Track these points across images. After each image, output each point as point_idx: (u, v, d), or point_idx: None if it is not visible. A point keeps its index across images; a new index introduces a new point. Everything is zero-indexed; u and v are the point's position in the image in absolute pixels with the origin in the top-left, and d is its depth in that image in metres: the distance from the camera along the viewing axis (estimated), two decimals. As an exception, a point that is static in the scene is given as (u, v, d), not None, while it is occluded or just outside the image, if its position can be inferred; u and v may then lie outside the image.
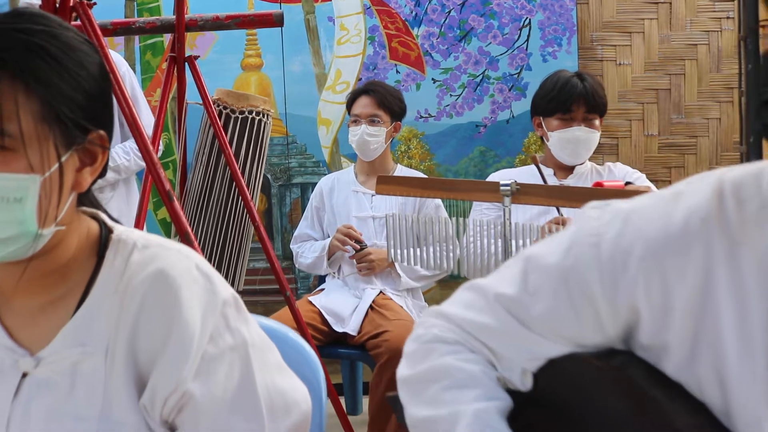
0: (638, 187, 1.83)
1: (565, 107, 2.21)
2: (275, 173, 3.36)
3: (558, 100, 2.23)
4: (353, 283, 2.72)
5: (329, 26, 3.30)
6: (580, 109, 2.21)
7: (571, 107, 2.21)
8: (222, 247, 2.12)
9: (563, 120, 2.23)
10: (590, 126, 2.22)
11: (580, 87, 2.20)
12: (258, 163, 2.14)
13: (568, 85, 2.22)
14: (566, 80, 2.23)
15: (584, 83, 2.21)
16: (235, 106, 2.08)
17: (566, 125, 2.22)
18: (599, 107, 2.22)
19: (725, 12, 3.48)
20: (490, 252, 1.77)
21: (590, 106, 2.20)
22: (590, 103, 2.20)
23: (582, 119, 2.22)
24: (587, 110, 2.21)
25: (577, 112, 2.21)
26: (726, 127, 3.51)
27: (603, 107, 2.24)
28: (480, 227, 1.76)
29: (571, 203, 1.67)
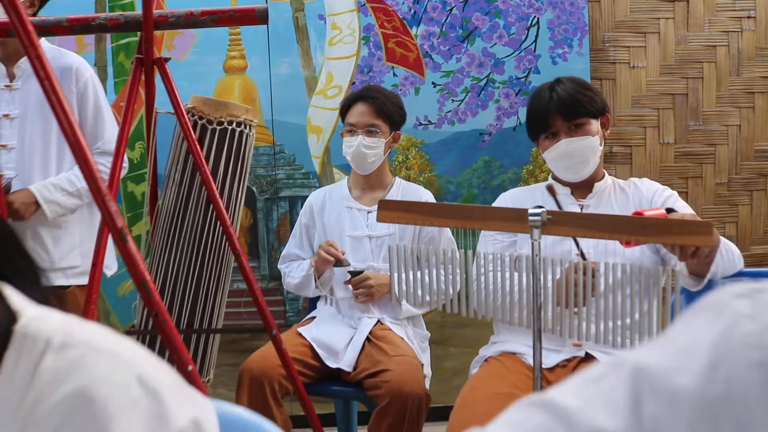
0: (683, 215, 1.56)
1: (542, 124, 1.95)
2: (261, 186, 3.08)
3: (533, 119, 1.97)
4: (347, 311, 2.45)
5: (320, 25, 3.03)
6: (558, 120, 1.93)
7: (547, 123, 1.94)
8: (198, 280, 1.84)
9: (548, 138, 1.97)
10: (579, 133, 1.94)
11: (547, 98, 1.93)
12: (239, 182, 1.86)
13: (537, 99, 1.96)
14: (535, 96, 1.98)
15: (553, 92, 1.94)
16: (212, 115, 1.80)
17: (553, 142, 1.95)
18: (581, 110, 1.92)
19: (746, 11, 3.26)
20: (506, 289, 1.50)
21: (567, 113, 1.92)
22: (565, 110, 1.92)
23: (566, 130, 1.94)
24: (566, 118, 1.93)
25: (556, 125, 1.94)
26: (746, 135, 3.29)
27: (588, 108, 1.93)
28: (493, 261, 1.49)
29: (609, 234, 1.40)
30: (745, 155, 3.29)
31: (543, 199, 2.05)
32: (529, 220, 1.35)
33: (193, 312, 1.86)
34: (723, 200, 3.30)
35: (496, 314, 1.53)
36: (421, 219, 1.48)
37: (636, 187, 2.02)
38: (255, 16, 1.72)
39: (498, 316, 1.59)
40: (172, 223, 1.84)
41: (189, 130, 1.75)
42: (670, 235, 1.38)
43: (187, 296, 1.85)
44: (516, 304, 1.50)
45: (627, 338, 1.53)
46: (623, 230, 1.39)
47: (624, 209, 1.98)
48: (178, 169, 1.84)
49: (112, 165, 1.71)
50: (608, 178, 2.06)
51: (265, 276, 3.11)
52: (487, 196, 3.10)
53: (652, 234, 1.39)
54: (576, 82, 1.97)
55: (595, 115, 1.96)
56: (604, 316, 1.48)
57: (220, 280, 1.89)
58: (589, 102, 1.94)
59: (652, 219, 1.40)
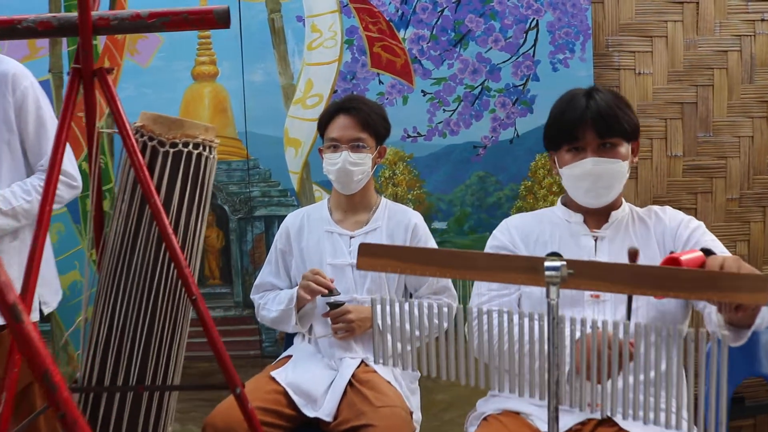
0: (725, 260, 1.31)
1: (570, 135, 1.69)
2: (234, 204, 2.80)
3: (560, 126, 1.70)
4: (327, 350, 2.18)
5: (298, 27, 2.76)
6: (589, 135, 1.68)
7: (575, 133, 1.68)
8: (149, 327, 1.56)
9: (572, 152, 1.71)
10: (608, 154, 1.69)
11: (583, 106, 1.67)
12: (198, 214, 1.58)
13: (570, 106, 1.69)
14: (568, 101, 1.71)
15: (591, 101, 1.68)
16: (165, 136, 1.52)
17: (576, 158, 1.69)
18: (617, 128, 1.68)
19: (760, 13, 3.03)
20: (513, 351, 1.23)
21: (602, 128, 1.67)
22: (601, 125, 1.67)
23: (595, 148, 1.68)
24: (599, 134, 1.67)
25: (586, 139, 1.68)
26: (759, 147, 3.08)
27: (625, 127, 1.69)
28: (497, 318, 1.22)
29: (643, 290, 1.14)
30: (758, 169, 3.08)
31: (552, 229, 1.79)
32: (545, 275, 1.09)
33: (145, 365, 1.58)
34: (734, 217, 3.07)
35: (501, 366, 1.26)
36: (410, 268, 1.21)
37: (657, 218, 1.76)
38: (213, 18, 1.45)
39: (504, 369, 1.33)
40: (118, 262, 1.56)
41: (136, 153, 1.47)
42: (717, 291, 1.12)
43: (137, 347, 1.57)
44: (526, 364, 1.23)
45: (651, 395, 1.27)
46: (659, 285, 1.13)
47: (644, 243, 1.72)
48: (125, 199, 1.56)
49: (44, 188, 1.43)
50: (626, 205, 1.80)
51: (239, 303, 2.84)
52: (481, 215, 2.85)
53: (695, 290, 1.13)
54: (615, 95, 1.72)
55: (629, 137, 1.71)
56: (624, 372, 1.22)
57: (176, 327, 1.61)
58: (627, 121, 1.70)
59: (695, 273, 1.14)
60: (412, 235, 2.25)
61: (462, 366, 1.27)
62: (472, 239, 2.85)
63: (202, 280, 2.84)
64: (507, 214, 2.84)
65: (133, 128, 1.55)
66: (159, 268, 1.55)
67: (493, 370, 1.32)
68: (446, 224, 2.85)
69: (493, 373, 1.29)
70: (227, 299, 2.84)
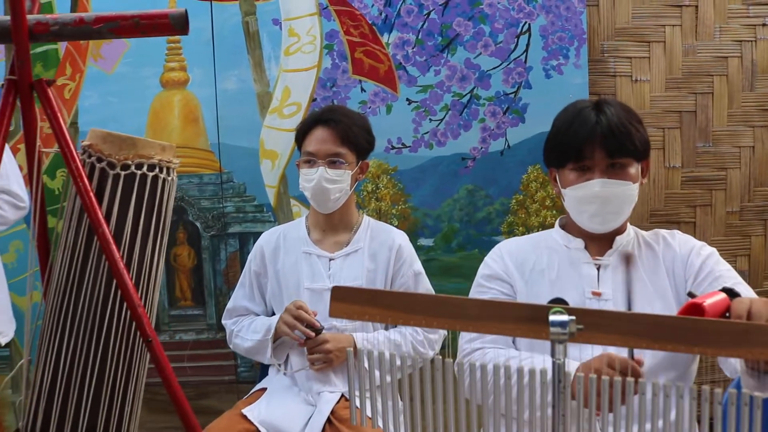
0: (752, 303, 1.15)
1: (576, 152, 1.52)
2: (206, 221, 2.63)
3: (566, 143, 1.53)
4: (304, 383, 2.01)
5: (275, 31, 2.59)
6: (598, 153, 1.51)
7: (583, 152, 1.51)
8: (100, 376, 1.38)
9: (577, 171, 1.54)
10: (618, 176, 1.52)
11: (593, 121, 1.51)
12: (155, 245, 1.40)
13: (578, 120, 1.52)
14: (575, 114, 1.54)
15: (601, 115, 1.51)
16: (116, 156, 1.34)
17: (582, 178, 1.53)
18: (628, 147, 1.51)
19: (761, 18, 2.90)
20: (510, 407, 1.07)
21: (613, 147, 1.50)
22: (612, 143, 1.50)
23: (604, 168, 1.52)
24: (608, 154, 1.51)
25: (594, 159, 1.52)
26: (761, 157, 2.96)
27: (637, 146, 1.53)
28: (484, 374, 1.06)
29: (660, 344, 0.98)
30: (759, 180, 2.95)
31: (549, 256, 1.63)
32: (551, 332, 0.92)
33: (95, 414, 1.40)
34: (734, 231, 2.94)
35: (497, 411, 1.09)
36: (391, 316, 1.04)
37: (666, 244, 1.60)
38: (169, 24, 1.27)
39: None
40: (64, 299, 1.38)
41: (81, 177, 1.29)
42: (749, 347, 0.96)
43: (87, 392, 1.39)
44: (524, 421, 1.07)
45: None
46: (683, 340, 0.97)
47: (653, 272, 1.56)
48: (72, 229, 1.38)
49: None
50: (631, 229, 1.64)
51: (212, 326, 2.66)
52: (470, 231, 2.68)
53: (725, 346, 0.97)
54: (626, 109, 1.55)
55: (640, 156, 1.55)
56: (627, 418, 1.06)
57: (131, 371, 1.43)
58: (639, 139, 1.53)
59: (726, 327, 0.97)
60: (396, 256, 2.08)
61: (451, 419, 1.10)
62: (460, 257, 2.69)
63: (173, 301, 2.66)
64: (497, 230, 2.68)
65: (80, 148, 1.37)
66: (110, 307, 1.37)
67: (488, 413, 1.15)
68: (433, 241, 2.69)
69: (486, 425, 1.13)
70: (200, 322, 2.66)
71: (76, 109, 2.54)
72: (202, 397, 2.70)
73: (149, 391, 2.66)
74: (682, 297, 1.53)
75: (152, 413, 2.69)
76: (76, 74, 2.54)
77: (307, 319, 1.94)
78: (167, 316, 2.65)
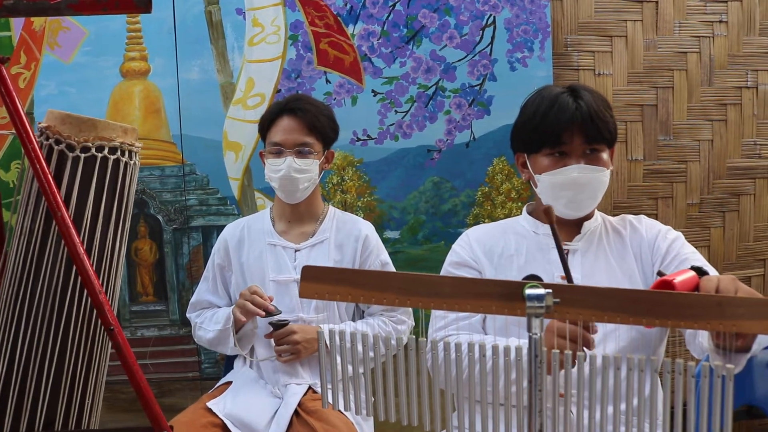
0: (719, 280, 1.17)
1: (553, 138, 1.52)
2: (168, 214, 2.57)
3: (543, 128, 1.53)
4: (271, 375, 1.98)
5: (238, 21, 2.55)
6: (576, 140, 1.52)
7: (561, 138, 1.53)
8: (58, 364, 1.33)
9: (554, 156, 1.54)
10: (594, 162, 1.55)
11: (572, 107, 1.52)
12: (117, 229, 1.36)
13: (556, 105, 1.53)
14: (552, 99, 1.54)
15: (579, 101, 1.53)
16: (75, 138, 1.29)
17: (558, 164, 1.53)
18: (604, 134, 1.54)
19: (718, 15, 2.95)
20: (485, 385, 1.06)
21: (590, 133, 1.52)
22: (590, 129, 1.52)
23: (580, 154, 1.53)
24: (586, 140, 1.53)
25: (572, 144, 1.53)
26: (719, 151, 3.00)
27: (610, 133, 1.56)
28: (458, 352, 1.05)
29: (635, 317, 0.98)
30: (717, 173, 3.00)
31: (518, 242, 1.63)
32: (527, 307, 0.91)
33: (54, 407, 1.35)
34: (694, 222, 2.99)
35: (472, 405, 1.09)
36: (363, 295, 1.02)
37: (633, 228, 1.62)
38: (132, 2, 1.23)
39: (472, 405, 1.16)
40: (20, 288, 1.33)
41: (39, 158, 1.24)
42: (721, 319, 0.97)
43: (44, 386, 1.34)
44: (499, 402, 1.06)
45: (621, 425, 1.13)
46: (656, 313, 0.97)
47: (620, 256, 1.57)
48: (29, 213, 1.33)
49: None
50: (598, 215, 1.65)
51: (175, 321, 2.60)
52: (436, 223, 2.68)
53: (698, 318, 0.97)
54: (599, 97, 1.57)
55: (610, 144, 1.57)
56: (590, 401, 1.05)
57: (91, 362, 1.38)
58: (613, 126, 1.56)
59: (697, 299, 0.98)
60: (363, 247, 2.06)
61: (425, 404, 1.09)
62: (427, 249, 2.68)
63: (134, 296, 2.59)
64: (463, 222, 2.68)
65: (38, 130, 1.32)
66: (69, 294, 1.32)
67: (462, 400, 1.14)
68: (399, 233, 2.67)
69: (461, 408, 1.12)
70: (162, 317, 2.61)
71: (31, 99, 2.46)
72: (166, 395, 2.64)
73: (111, 390, 2.61)
74: (650, 280, 1.55)
75: (115, 412, 2.62)
76: (31, 63, 2.46)
77: (260, 303, 1.90)
78: (128, 311, 2.59)
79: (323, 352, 1.14)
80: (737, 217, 3.03)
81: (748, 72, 2.98)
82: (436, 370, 1.14)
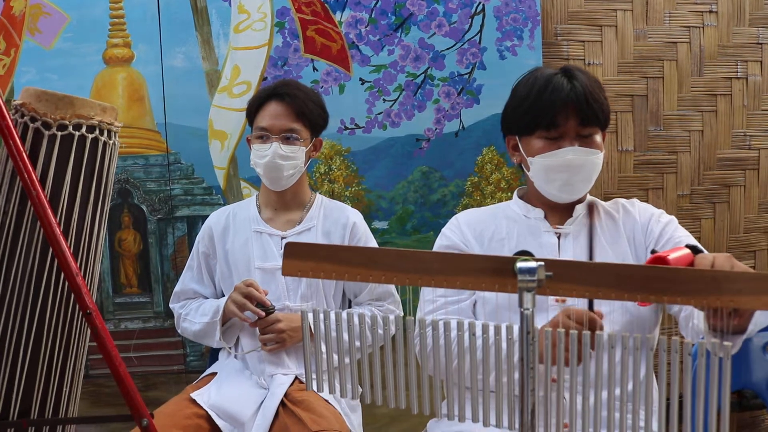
0: (715, 258, 1.14)
1: (547, 120, 1.50)
2: (152, 204, 2.53)
3: (537, 110, 1.51)
4: (256, 366, 1.95)
5: (224, 8, 2.52)
6: (571, 122, 1.50)
7: (556, 120, 1.50)
8: (34, 354, 1.29)
9: (547, 139, 1.52)
10: (588, 144, 1.53)
11: (567, 88, 1.49)
12: (95, 211, 1.32)
13: (550, 87, 1.50)
14: (546, 80, 1.52)
15: (574, 82, 1.51)
16: (51, 116, 1.25)
17: (552, 146, 1.51)
18: (599, 116, 1.52)
19: (708, 4, 2.94)
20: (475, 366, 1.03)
21: (585, 115, 1.50)
22: (585, 111, 1.50)
23: (574, 136, 1.51)
24: (581, 122, 1.50)
25: (567, 126, 1.51)
26: (709, 142, 2.99)
27: (604, 115, 1.55)
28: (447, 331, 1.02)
29: (629, 293, 0.95)
30: (708, 164, 2.99)
31: (509, 225, 1.60)
32: (518, 280, 0.88)
33: (29, 395, 1.31)
34: (685, 213, 2.98)
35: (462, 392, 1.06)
36: (348, 272, 0.99)
37: (626, 212, 1.59)
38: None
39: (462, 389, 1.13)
40: (-5, 271, 1.29)
41: (14, 137, 1.20)
42: (718, 294, 0.94)
43: (19, 373, 1.29)
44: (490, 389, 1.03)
45: (616, 410, 1.11)
46: (650, 288, 0.94)
47: (613, 240, 1.55)
48: (2, 193, 1.28)
49: None
50: (590, 199, 1.62)
51: (160, 313, 2.56)
52: (425, 213, 2.65)
53: (693, 293, 0.94)
54: (593, 79, 1.54)
55: (603, 126, 1.55)
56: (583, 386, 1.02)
57: (69, 347, 1.34)
58: (606, 108, 1.55)
59: (693, 274, 0.95)
60: (351, 235, 2.03)
61: (413, 390, 1.05)
62: (416, 239, 2.65)
63: (117, 288, 2.55)
64: (452, 213, 2.65)
65: (13, 106, 1.27)
66: (45, 277, 1.28)
67: (452, 387, 1.11)
68: (387, 224, 2.64)
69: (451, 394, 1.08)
70: (146, 309, 2.56)
71: (11, 86, 2.41)
72: (150, 388, 2.60)
73: (93, 383, 2.56)
74: (643, 263, 1.52)
75: (97, 407, 2.58)
76: (11, 49, 2.41)
77: (257, 297, 1.88)
78: (112, 303, 2.54)
79: (307, 336, 1.10)
80: (727, 208, 3.02)
81: (738, 62, 2.97)
82: (424, 355, 1.11)
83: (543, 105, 1.50)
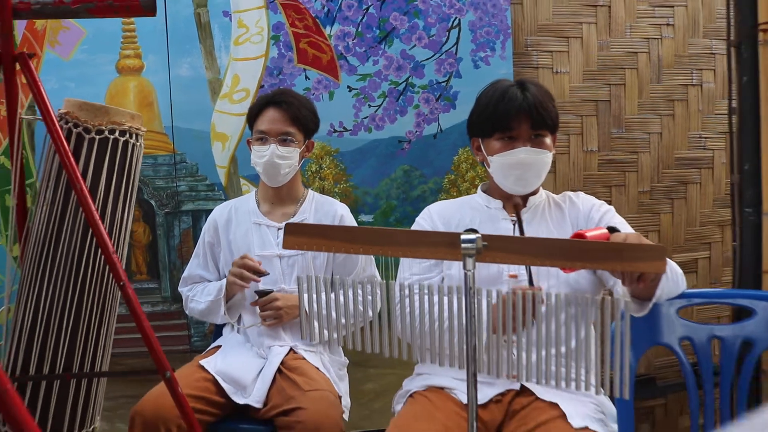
0: (627, 236, 1.41)
1: (503, 124, 1.78)
2: (161, 199, 2.79)
3: (495, 116, 1.79)
4: (256, 339, 2.21)
5: (225, 22, 2.77)
6: (523, 126, 1.78)
7: (510, 124, 1.78)
8: (76, 315, 1.56)
9: (504, 140, 1.80)
10: (538, 145, 1.80)
11: (520, 98, 1.77)
12: (125, 201, 1.59)
13: (506, 97, 1.79)
14: (503, 91, 1.80)
15: (526, 93, 1.79)
16: (91, 122, 1.52)
17: (508, 146, 1.79)
18: (547, 122, 1.79)
19: (665, 18, 3.22)
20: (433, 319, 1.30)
21: (535, 120, 1.78)
22: (535, 117, 1.77)
23: (527, 138, 1.79)
24: (532, 126, 1.78)
25: (520, 130, 1.78)
26: (667, 142, 3.25)
27: (553, 121, 1.82)
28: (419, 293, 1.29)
29: (552, 261, 1.22)
30: (666, 163, 3.25)
31: (472, 214, 1.87)
32: (461, 248, 1.16)
33: (72, 353, 1.58)
34: (645, 209, 3.24)
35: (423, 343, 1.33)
36: (335, 245, 1.26)
37: (572, 203, 1.87)
38: (140, 6, 1.47)
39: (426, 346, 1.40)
40: (43, 250, 1.55)
41: (61, 139, 1.47)
42: (620, 261, 1.22)
43: (64, 334, 1.57)
44: (446, 338, 1.30)
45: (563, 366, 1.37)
46: (567, 256, 1.22)
47: (559, 226, 1.82)
48: (50, 186, 1.55)
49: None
50: (542, 192, 1.91)
51: (167, 298, 2.82)
52: (407, 207, 2.92)
53: (600, 260, 1.22)
54: (543, 90, 1.82)
55: (552, 130, 1.82)
56: (537, 345, 1.30)
57: (103, 314, 1.61)
58: (555, 114, 1.82)
59: (601, 244, 1.23)
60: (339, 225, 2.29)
61: (386, 341, 1.33)
62: (399, 232, 2.91)
63: (129, 275, 2.81)
64: (432, 207, 2.92)
65: (58, 114, 1.54)
66: (86, 255, 1.55)
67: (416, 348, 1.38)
68: (372, 217, 2.90)
69: (415, 349, 1.36)
70: (155, 294, 2.82)
71: (34, 94, 2.67)
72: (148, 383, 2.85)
73: (111, 362, 2.81)
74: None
75: (113, 383, 2.82)
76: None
77: (251, 266, 2.11)
78: (123, 289, 2.80)
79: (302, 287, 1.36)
80: (685, 204, 3.28)
81: (693, 71, 3.24)
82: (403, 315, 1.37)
83: (500, 112, 1.78)
